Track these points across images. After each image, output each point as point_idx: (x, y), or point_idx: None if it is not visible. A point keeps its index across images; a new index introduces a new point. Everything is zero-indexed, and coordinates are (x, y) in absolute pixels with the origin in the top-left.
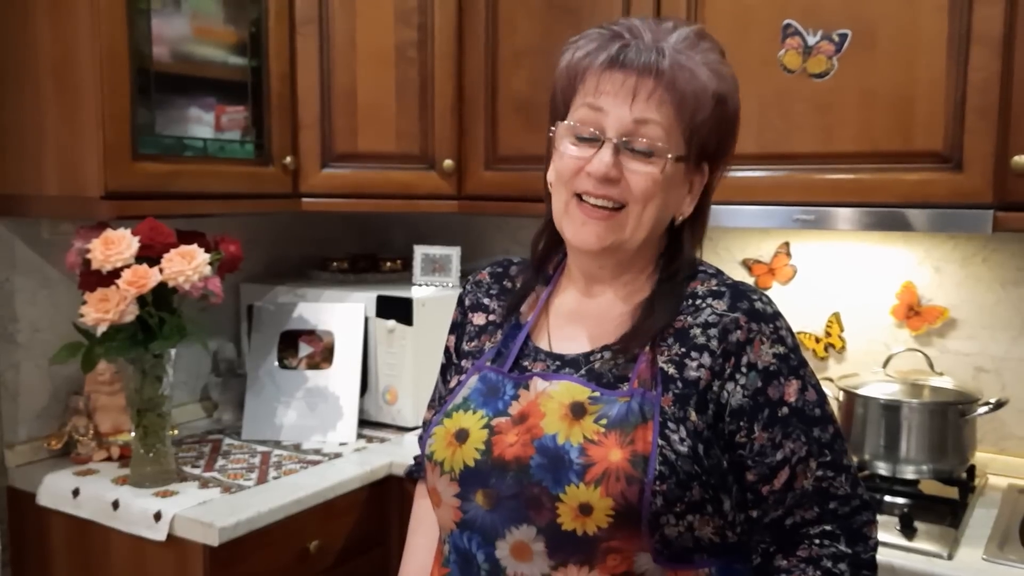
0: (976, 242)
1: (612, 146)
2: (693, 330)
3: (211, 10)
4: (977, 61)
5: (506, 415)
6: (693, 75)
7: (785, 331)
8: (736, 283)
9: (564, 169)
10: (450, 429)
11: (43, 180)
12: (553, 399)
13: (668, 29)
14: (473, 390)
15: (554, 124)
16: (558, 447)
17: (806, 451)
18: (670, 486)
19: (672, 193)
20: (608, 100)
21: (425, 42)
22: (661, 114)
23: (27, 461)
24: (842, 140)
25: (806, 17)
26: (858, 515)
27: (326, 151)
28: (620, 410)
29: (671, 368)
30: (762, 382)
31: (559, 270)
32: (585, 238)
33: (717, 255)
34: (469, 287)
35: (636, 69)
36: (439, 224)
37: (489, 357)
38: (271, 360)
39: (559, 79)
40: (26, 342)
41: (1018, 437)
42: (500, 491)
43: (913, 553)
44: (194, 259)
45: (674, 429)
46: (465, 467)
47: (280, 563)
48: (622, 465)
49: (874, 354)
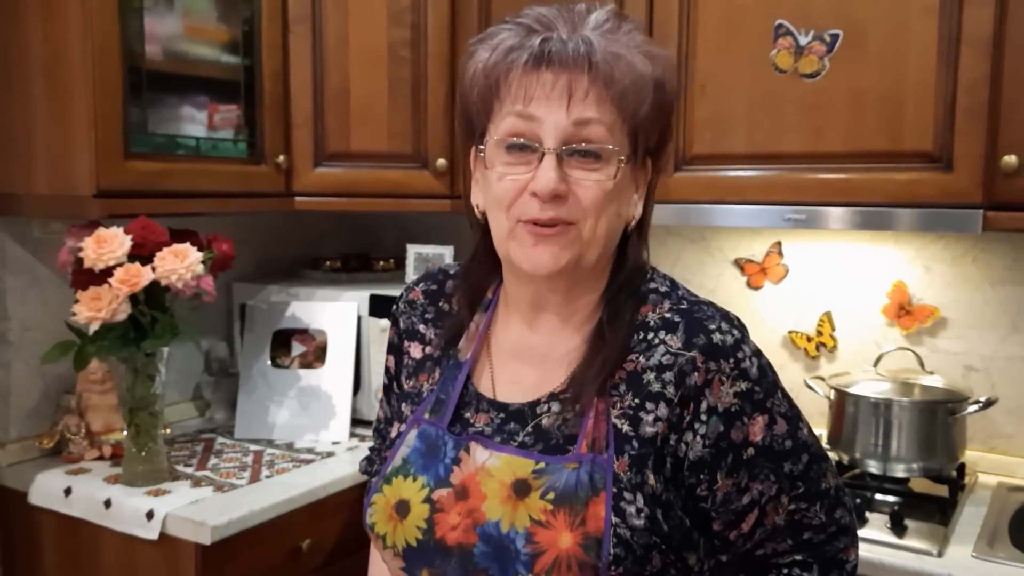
0: (966, 242)
1: (554, 157)
2: (647, 375)
3: (204, 9)
4: (967, 62)
5: (447, 485)
6: (629, 64)
7: (748, 360)
8: (691, 307)
9: (503, 194)
10: (390, 500)
11: (34, 179)
12: (494, 477)
13: (582, 12)
14: (412, 450)
15: (474, 142)
16: (502, 535)
17: (776, 489)
18: (627, 566)
19: (622, 198)
20: (540, 106)
21: (418, 42)
22: (602, 112)
23: (18, 460)
24: (832, 140)
25: (797, 17)
26: (834, 541)
27: (319, 150)
28: (568, 481)
29: (625, 425)
30: (724, 426)
31: (496, 295)
32: (539, 260)
33: (710, 255)
34: (403, 306)
35: (566, 66)
36: (431, 223)
37: (427, 407)
38: (264, 359)
39: (472, 88)
40: (17, 341)
41: (1007, 435)
42: (447, 572)
43: (903, 551)
44: (187, 258)
45: (630, 500)
46: (408, 545)
47: (272, 562)
48: (573, 551)
49: (865, 353)
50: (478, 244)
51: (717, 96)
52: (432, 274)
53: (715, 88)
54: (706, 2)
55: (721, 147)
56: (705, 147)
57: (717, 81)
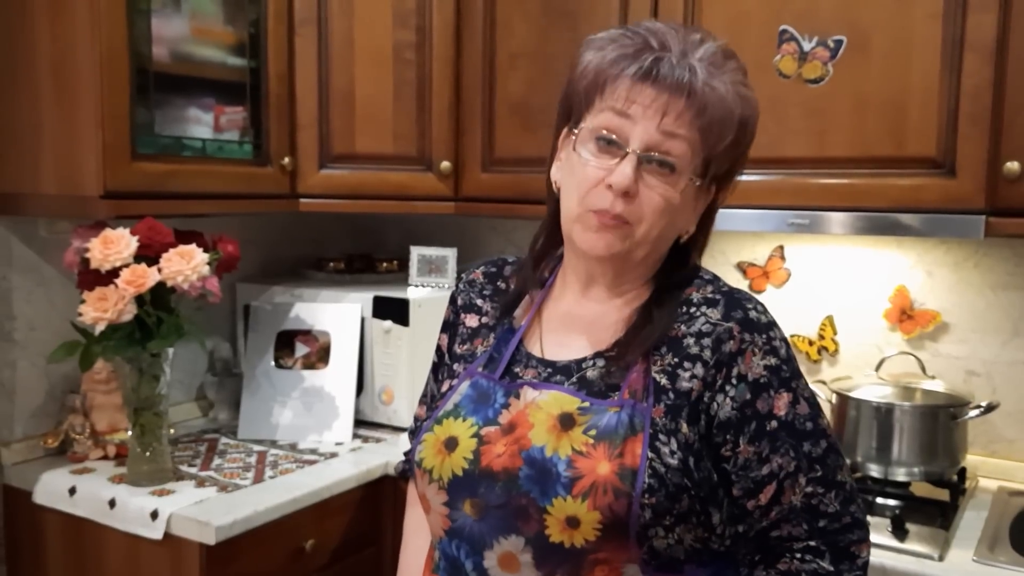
0: (968, 247)
1: (635, 159)
2: (686, 339)
3: (210, 11)
4: (970, 68)
5: (496, 424)
6: (722, 100)
7: (779, 341)
8: (732, 290)
9: (583, 180)
10: (440, 437)
11: (41, 179)
12: (542, 410)
13: (696, 42)
14: (464, 396)
15: (568, 122)
16: (546, 459)
17: (795, 466)
18: (659, 499)
19: (682, 212)
20: (637, 110)
21: (423, 44)
22: (688, 133)
23: (23, 459)
24: (836, 145)
25: (801, 23)
26: (848, 533)
27: (324, 152)
28: (609, 421)
29: (663, 379)
30: (751, 394)
31: (554, 274)
32: (594, 244)
33: (712, 258)
34: (462, 286)
35: (668, 87)
36: (435, 225)
37: (481, 363)
38: (267, 360)
39: (581, 77)
40: (22, 340)
41: (1008, 440)
42: (488, 501)
43: (904, 554)
44: (192, 259)
45: (664, 441)
46: (454, 476)
47: (276, 562)
48: (610, 478)
49: (867, 357)
50: (548, 214)
51: None
52: (492, 260)
53: None
54: (711, 6)
55: None
56: None
57: None
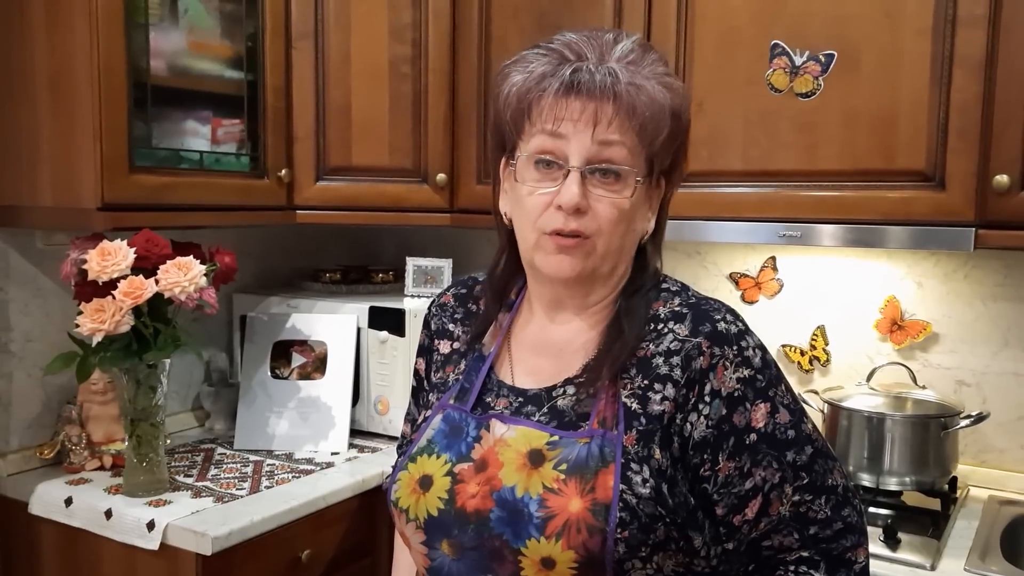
0: (958, 258)
1: (578, 174)
2: (656, 359)
3: (208, 25)
4: (959, 83)
5: (468, 460)
6: (650, 96)
7: (752, 350)
8: (699, 301)
9: (532, 208)
10: (414, 475)
11: (38, 191)
12: (511, 447)
13: (609, 42)
14: (436, 431)
15: (503, 153)
16: (517, 500)
17: (779, 477)
18: (632, 531)
19: (637, 214)
20: (568, 126)
21: (419, 58)
22: (624, 137)
23: (19, 470)
24: (826, 158)
25: (792, 38)
26: (841, 539)
27: (320, 164)
28: (580, 454)
29: (634, 403)
30: (727, 409)
31: (520, 295)
32: (559, 267)
33: (705, 269)
34: (435, 309)
35: (593, 95)
36: (430, 237)
37: (452, 394)
38: (263, 370)
39: (506, 106)
40: (19, 351)
41: (998, 449)
42: (463, 542)
43: (896, 564)
44: (190, 270)
45: (637, 470)
46: (429, 516)
47: (272, 572)
48: (582, 515)
49: (858, 367)
50: (503, 247)
51: (714, 114)
52: (463, 280)
53: (712, 106)
54: (703, 22)
55: (717, 164)
56: (702, 164)
57: (714, 100)
